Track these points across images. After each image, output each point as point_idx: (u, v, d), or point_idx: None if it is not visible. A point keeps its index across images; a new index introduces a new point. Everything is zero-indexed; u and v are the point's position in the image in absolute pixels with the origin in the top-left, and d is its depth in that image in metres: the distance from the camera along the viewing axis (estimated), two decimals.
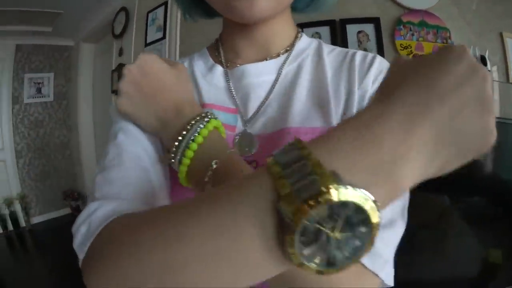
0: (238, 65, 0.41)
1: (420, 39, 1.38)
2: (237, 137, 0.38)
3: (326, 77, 0.39)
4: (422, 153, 0.20)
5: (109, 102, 2.49)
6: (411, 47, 1.36)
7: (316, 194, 0.16)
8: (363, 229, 0.18)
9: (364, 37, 1.37)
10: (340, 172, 0.18)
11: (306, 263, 0.17)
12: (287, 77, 0.41)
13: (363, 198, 0.17)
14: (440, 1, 1.38)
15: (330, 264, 0.18)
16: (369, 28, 1.37)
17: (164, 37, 1.64)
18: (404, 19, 1.38)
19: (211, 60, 0.44)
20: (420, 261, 0.50)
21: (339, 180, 0.17)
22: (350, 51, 0.42)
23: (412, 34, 1.38)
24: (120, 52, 2.10)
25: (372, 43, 1.36)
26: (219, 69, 0.42)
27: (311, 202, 0.16)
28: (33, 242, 2.86)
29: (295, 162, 0.18)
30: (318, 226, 0.17)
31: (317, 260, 0.18)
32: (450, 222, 1.19)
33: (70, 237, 0.27)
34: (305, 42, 0.44)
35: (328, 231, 0.17)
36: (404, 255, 0.45)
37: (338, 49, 0.43)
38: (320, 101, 0.38)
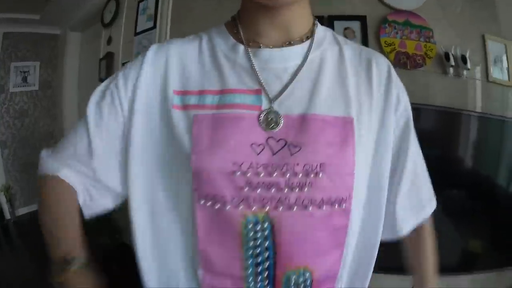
0: (261, 46, 0.43)
1: (404, 37, 1.43)
2: (263, 114, 0.40)
3: (347, 72, 0.43)
4: None
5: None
6: (394, 44, 1.41)
7: None
8: None
9: (351, 33, 1.41)
10: None
11: None
12: (312, 63, 0.43)
13: None
14: (426, 3, 1.43)
15: None
16: (355, 25, 1.41)
17: (154, 26, 1.64)
18: (390, 18, 1.43)
19: (231, 39, 0.44)
20: (402, 251, 0.55)
21: None
22: (363, 52, 0.47)
23: (396, 32, 1.42)
24: (109, 41, 2.08)
25: (358, 39, 1.40)
26: (241, 48, 0.43)
27: None
28: (18, 234, 2.80)
29: None
30: None
31: None
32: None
33: None
34: (322, 29, 0.46)
35: None
36: (387, 244, 0.48)
37: (349, 42, 0.47)
38: (342, 92, 0.42)
